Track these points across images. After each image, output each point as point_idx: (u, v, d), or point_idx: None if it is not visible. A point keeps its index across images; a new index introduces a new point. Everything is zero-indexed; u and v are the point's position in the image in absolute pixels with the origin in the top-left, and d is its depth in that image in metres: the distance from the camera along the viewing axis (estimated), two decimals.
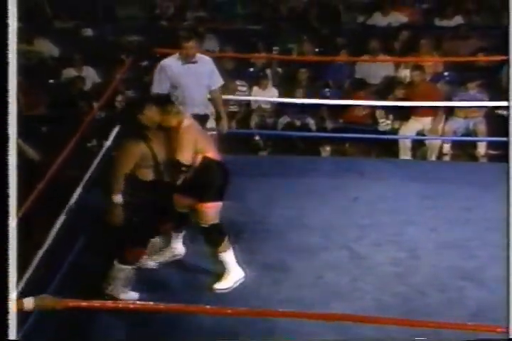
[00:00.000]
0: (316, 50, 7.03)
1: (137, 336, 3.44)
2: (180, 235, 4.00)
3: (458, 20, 7.37)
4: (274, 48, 7.08)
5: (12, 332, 2.27)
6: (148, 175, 3.52)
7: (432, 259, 4.00)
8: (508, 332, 2.60)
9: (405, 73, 6.46)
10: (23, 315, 2.45)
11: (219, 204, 3.72)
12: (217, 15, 7.84)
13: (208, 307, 3.03)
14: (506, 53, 7.00)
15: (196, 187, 3.70)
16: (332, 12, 7.74)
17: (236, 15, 7.86)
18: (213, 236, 3.75)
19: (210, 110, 4.65)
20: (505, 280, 3.77)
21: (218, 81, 4.53)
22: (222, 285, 3.77)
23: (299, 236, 4.23)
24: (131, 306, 3.00)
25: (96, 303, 2.75)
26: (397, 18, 7.52)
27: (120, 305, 3.02)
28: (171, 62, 4.39)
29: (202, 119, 4.36)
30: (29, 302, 2.44)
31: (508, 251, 2.54)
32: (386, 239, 4.20)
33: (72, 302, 2.58)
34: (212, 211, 3.71)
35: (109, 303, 3.03)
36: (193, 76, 4.37)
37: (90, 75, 6.64)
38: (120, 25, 7.65)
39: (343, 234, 4.25)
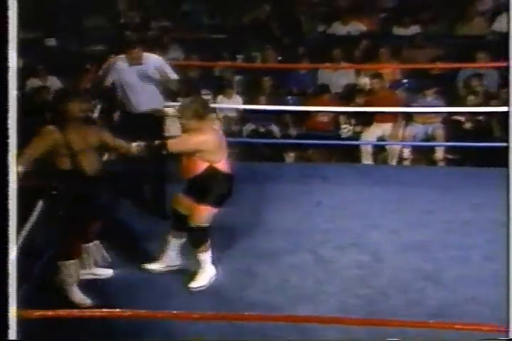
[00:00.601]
0: (279, 58, 7.06)
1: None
2: (179, 243, 3.91)
3: (415, 29, 7.45)
4: (238, 57, 7.08)
5: (12, 332, 2.22)
6: (65, 164, 3.51)
7: (394, 261, 4.02)
8: (508, 332, 2.59)
9: (365, 81, 6.51)
10: None
11: (214, 209, 3.74)
12: (182, 25, 7.81)
13: (175, 312, 3.00)
14: (463, 61, 7.10)
15: (199, 191, 3.72)
16: (293, 21, 7.77)
17: (200, 25, 7.84)
18: (197, 237, 3.74)
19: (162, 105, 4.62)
20: (464, 280, 3.84)
21: (173, 77, 4.60)
22: (197, 283, 3.75)
23: (265, 240, 4.22)
24: (98, 313, 2.93)
25: (62, 312, 2.69)
26: (357, 27, 7.57)
27: (87, 314, 2.95)
28: (118, 64, 4.52)
29: (154, 116, 4.48)
30: None
31: (508, 249, 2.54)
32: (350, 243, 4.21)
33: (38, 312, 2.52)
34: (204, 213, 3.72)
35: (76, 312, 2.96)
36: (137, 77, 4.48)
37: (55, 85, 6.56)
38: (85, 35, 7.56)
39: (307, 238, 4.25)
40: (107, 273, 3.88)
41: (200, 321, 3.29)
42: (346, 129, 6.23)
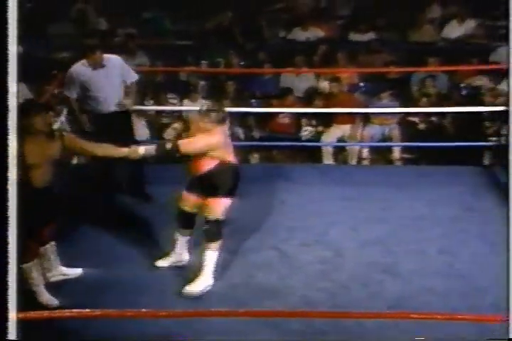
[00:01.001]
0: (242, 63, 7.09)
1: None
2: (187, 240, 3.93)
3: (370, 35, 7.56)
4: (203, 62, 7.10)
5: (12, 332, 2.20)
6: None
7: (354, 256, 4.09)
8: (508, 322, 2.62)
9: (325, 84, 6.60)
10: None
11: (228, 201, 3.75)
12: (147, 32, 7.78)
13: (143, 310, 3.01)
14: (416, 65, 7.21)
15: (210, 186, 3.72)
16: (255, 28, 7.81)
17: (165, 32, 7.83)
18: (213, 230, 3.73)
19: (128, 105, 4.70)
20: (420, 273, 3.93)
21: (133, 76, 4.69)
22: (193, 288, 3.72)
23: (231, 238, 4.24)
24: (67, 314, 2.90)
25: (33, 314, 2.67)
26: (316, 33, 7.64)
27: (57, 314, 2.94)
28: (80, 69, 4.57)
29: (124, 115, 4.60)
30: None
31: (508, 247, 2.59)
32: (312, 239, 4.28)
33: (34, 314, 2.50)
34: (220, 206, 3.72)
35: (46, 313, 2.95)
36: (103, 78, 4.54)
37: (23, 92, 6.47)
38: (51, 42, 7.48)
39: (272, 236, 4.31)
40: (75, 272, 3.87)
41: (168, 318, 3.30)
42: (307, 131, 6.31)
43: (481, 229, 4.39)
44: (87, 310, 2.82)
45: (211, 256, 3.75)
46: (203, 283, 3.73)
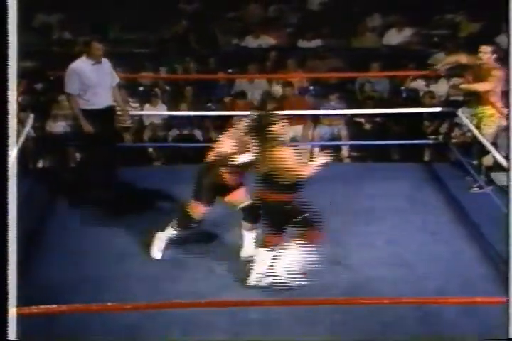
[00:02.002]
0: (196, 69, 7.04)
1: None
2: (254, 234, 3.90)
3: (317, 42, 7.60)
4: (161, 68, 7.02)
5: (12, 332, 2.11)
6: None
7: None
8: (508, 303, 2.61)
9: (277, 88, 6.61)
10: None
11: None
12: (107, 40, 7.64)
13: (109, 304, 2.96)
14: (359, 70, 7.30)
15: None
16: (210, 35, 7.77)
17: (125, 40, 7.71)
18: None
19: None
20: (368, 263, 3.96)
21: (116, 79, 4.74)
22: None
23: (193, 235, 4.20)
24: (35, 310, 2.82)
25: (33, 310, 2.58)
26: (267, 40, 7.65)
27: (54, 310, 2.84)
28: (81, 64, 4.52)
29: (112, 110, 4.64)
30: None
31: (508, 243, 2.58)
32: None
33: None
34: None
35: (25, 310, 2.85)
36: (100, 75, 4.54)
37: None
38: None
39: (232, 232, 4.26)
40: None
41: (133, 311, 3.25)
42: None
43: (423, 220, 4.45)
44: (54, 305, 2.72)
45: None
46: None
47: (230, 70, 6.93)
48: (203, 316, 3.33)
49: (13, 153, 2.11)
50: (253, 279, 3.71)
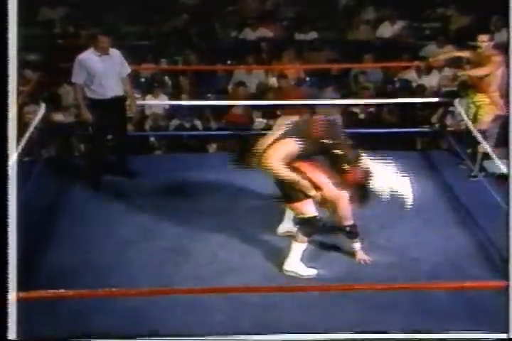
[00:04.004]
0: (198, 61, 6.95)
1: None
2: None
3: (313, 35, 7.53)
4: (162, 60, 6.94)
5: (12, 332, 2.04)
6: None
7: None
8: (508, 287, 2.56)
9: (273, 80, 6.53)
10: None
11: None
12: (110, 33, 7.54)
13: (113, 289, 2.91)
14: (354, 62, 7.25)
15: None
16: (209, 28, 7.68)
17: (127, 33, 7.61)
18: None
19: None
20: (363, 248, 3.90)
21: (127, 70, 4.71)
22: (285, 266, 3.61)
23: (196, 221, 4.14)
24: (43, 294, 2.76)
25: (33, 294, 2.50)
26: (264, 32, 7.56)
27: (55, 294, 2.77)
28: (88, 56, 4.53)
29: (120, 100, 4.62)
30: None
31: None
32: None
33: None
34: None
35: (45, 293, 2.79)
36: (107, 66, 4.53)
37: None
38: (20, 44, 7.16)
39: (233, 218, 4.18)
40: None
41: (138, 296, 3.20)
42: (259, 122, 6.24)
43: (416, 206, 4.38)
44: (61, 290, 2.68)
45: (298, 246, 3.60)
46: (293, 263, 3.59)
47: (228, 62, 6.86)
48: (206, 301, 3.25)
49: (13, 146, 2.03)
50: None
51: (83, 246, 3.89)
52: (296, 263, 3.61)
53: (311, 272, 3.59)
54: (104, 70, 4.50)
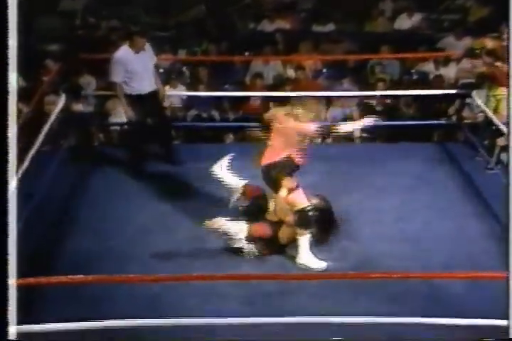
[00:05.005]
0: (216, 52, 6.93)
1: None
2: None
3: (330, 26, 7.47)
4: (180, 51, 6.94)
5: (12, 332, 2.08)
6: None
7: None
8: (508, 278, 2.56)
9: (291, 72, 6.50)
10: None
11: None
12: (129, 25, 7.57)
13: (131, 275, 2.94)
14: (371, 53, 7.20)
15: None
16: (227, 20, 7.64)
17: (146, 24, 7.62)
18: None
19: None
20: (379, 238, 3.90)
21: (154, 60, 4.75)
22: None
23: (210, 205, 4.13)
24: (64, 280, 2.80)
25: (32, 281, 2.53)
26: (281, 24, 7.51)
27: (54, 280, 2.83)
28: (124, 53, 4.56)
29: (153, 94, 4.66)
30: None
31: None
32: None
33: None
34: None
35: (44, 279, 2.83)
36: (144, 62, 4.58)
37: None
38: (41, 35, 7.22)
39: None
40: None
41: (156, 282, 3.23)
42: None
43: (431, 198, 4.37)
44: (81, 275, 2.73)
45: (302, 241, 3.60)
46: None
47: (246, 53, 6.84)
48: (220, 288, 3.28)
49: (13, 145, 2.05)
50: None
51: (103, 233, 3.94)
52: (307, 256, 3.61)
53: (322, 264, 3.59)
54: (142, 67, 4.55)
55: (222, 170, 4.01)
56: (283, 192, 3.61)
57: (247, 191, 3.90)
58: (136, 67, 4.52)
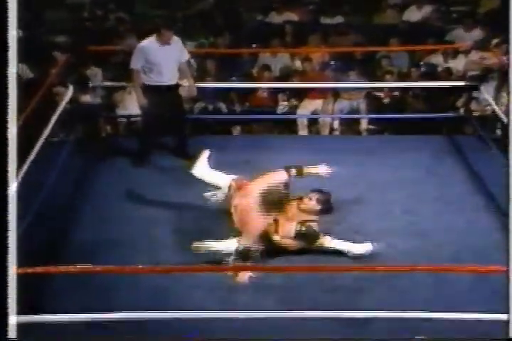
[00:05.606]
0: (224, 44, 6.90)
1: None
2: None
3: (339, 19, 7.40)
4: (188, 43, 6.90)
5: (12, 332, 2.07)
6: None
7: (328, 217, 3.98)
8: (508, 272, 2.53)
9: (298, 64, 6.46)
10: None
11: None
12: (136, 17, 7.55)
13: (140, 266, 2.93)
14: (379, 45, 7.11)
15: None
16: (235, 12, 7.59)
17: (152, 16, 7.59)
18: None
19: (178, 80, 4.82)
20: (386, 231, 3.87)
21: (186, 56, 4.80)
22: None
23: None
24: (72, 270, 2.79)
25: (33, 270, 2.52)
26: (289, 16, 7.46)
27: (58, 270, 2.82)
28: (149, 44, 4.59)
29: (174, 86, 4.71)
30: None
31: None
32: None
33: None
34: None
35: (46, 269, 2.81)
36: (168, 55, 4.62)
37: (24, 71, 6.23)
38: (49, 27, 7.21)
39: None
40: None
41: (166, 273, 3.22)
42: (284, 105, 6.20)
43: (440, 191, 4.33)
44: (89, 265, 2.72)
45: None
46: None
47: (254, 45, 6.80)
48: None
49: (13, 141, 2.02)
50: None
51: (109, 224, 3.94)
52: (347, 243, 3.63)
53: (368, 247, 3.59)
54: (164, 60, 4.58)
55: (203, 169, 3.95)
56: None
57: (236, 186, 3.83)
58: (159, 59, 4.56)
